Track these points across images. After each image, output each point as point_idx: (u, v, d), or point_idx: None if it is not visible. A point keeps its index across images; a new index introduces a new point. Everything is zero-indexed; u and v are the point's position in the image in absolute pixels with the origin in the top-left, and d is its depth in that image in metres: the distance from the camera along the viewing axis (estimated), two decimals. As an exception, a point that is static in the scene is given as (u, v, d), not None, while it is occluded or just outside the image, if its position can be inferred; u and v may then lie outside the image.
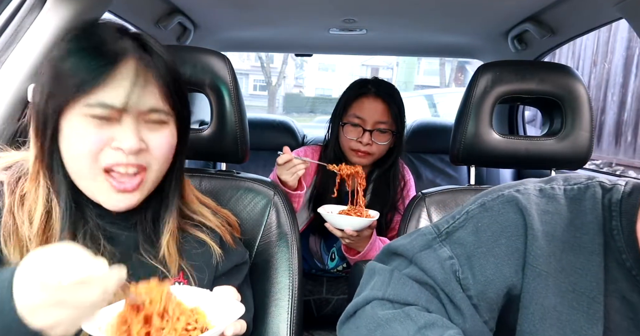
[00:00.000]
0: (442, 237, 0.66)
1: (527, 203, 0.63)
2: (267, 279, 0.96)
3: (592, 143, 1.06)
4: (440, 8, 1.45)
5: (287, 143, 2.23)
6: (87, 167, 0.64)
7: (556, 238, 0.61)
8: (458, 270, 0.62)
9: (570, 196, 0.64)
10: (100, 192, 0.66)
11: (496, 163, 1.14)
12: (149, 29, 1.50)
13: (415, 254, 0.65)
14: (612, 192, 0.63)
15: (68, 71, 0.62)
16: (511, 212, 0.63)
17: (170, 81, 0.68)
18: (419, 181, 2.15)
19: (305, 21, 1.71)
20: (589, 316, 0.58)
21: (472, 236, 0.64)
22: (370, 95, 1.37)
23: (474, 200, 0.68)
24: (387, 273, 0.65)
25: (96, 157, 0.64)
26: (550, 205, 0.63)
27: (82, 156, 0.63)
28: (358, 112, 1.37)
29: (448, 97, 6.48)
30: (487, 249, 0.62)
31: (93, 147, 0.63)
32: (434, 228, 0.68)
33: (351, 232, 1.20)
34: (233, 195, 1.01)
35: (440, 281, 0.61)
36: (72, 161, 0.65)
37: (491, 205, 0.65)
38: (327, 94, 20.00)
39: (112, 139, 0.64)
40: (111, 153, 0.64)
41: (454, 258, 0.63)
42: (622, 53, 4.70)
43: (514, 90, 1.05)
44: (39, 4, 1.00)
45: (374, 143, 1.36)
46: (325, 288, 1.55)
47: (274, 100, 15.31)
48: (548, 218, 0.62)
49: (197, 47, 1.04)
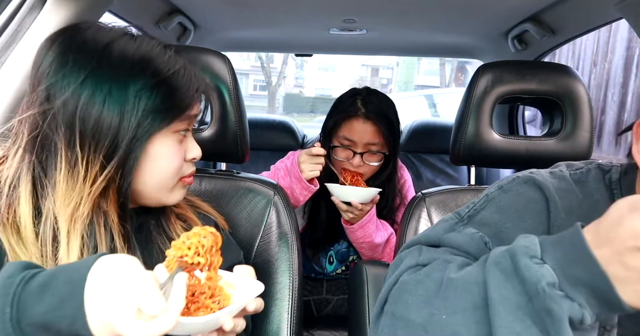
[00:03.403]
0: (465, 221, 0.68)
1: (544, 181, 0.66)
2: (267, 279, 0.96)
3: (592, 143, 1.06)
4: (440, 8, 1.45)
5: (287, 143, 2.24)
6: (171, 182, 0.70)
7: (573, 212, 0.64)
8: (488, 242, 0.63)
9: (575, 179, 0.68)
10: (174, 193, 0.72)
11: (496, 164, 1.14)
12: (149, 29, 1.50)
13: (440, 237, 0.66)
14: (611, 172, 0.67)
15: (175, 93, 0.66)
16: (530, 190, 0.66)
17: None
18: (419, 181, 2.15)
19: (305, 21, 1.71)
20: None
21: (496, 214, 0.66)
22: (359, 116, 1.29)
23: (491, 187, 0.71)
24: (415, 251, 0.66)
25: (179, 171, 0.71)
26: (562, 184, 0.67)
27: (172, 174, 0.69)
28: (347, 135, 1.31)
29: (448, 97, 6.49)
30: (513, 224, 0.65)
31: (179, 163, 0.70)
32: (454, 214, 0.70)
33: (357, 204, 1.22)
34: (233, 195, 1.01)
35: (473, 252, 0.62)
36: (156, 179, 0.68)
37: (509, 187, 0.69)
38: (327, 94, 20.00)
39: (186, 151, 0.72)
40: (187, 165, 0.73)
41: (482, 234, 0.64)
42: (622, 53, 4.69)
43: (514, 90, 1.05)
44: (39, 4, 1.00)
45: (365, 164, 1.32)
46: (325, 288, 1.55)
47: (274, 100, 15.31)
48: (564, 195, 0.66)
49: (197, 47, 1.04)
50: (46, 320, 0.45)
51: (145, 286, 0.44)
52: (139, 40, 0.67)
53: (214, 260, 0.54)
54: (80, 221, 0.62)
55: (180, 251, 0.52)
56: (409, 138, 2.23)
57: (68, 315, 0.45)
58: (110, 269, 0.46)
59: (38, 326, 0.45)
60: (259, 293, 0.55)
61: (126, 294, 0.44)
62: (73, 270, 0.47)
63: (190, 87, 0.68)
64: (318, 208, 1.41)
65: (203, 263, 0.52)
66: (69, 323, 0.45)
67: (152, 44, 0.68)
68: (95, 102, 0.61)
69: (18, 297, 0.45)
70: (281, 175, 1.28)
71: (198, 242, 0.53)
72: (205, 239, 0.53)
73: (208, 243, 0.53)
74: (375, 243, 1.32)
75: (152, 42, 0.68)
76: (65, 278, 0.46)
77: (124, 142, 0.62)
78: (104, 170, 0.62)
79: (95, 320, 0.44)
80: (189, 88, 0.68)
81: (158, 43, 0.69)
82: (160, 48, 0.68)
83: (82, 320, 0.44)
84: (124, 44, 0.65)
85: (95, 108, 0.61)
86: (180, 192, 0.73)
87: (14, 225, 0.62)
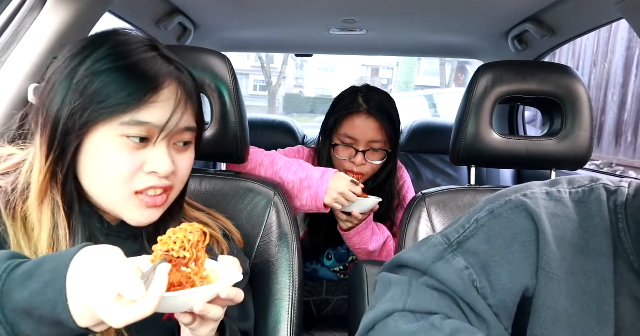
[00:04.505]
0: (454, 247, 0.65)
1: (536, 208, 0.62)
2: (267, 279, 0.96)
3: (592, 143, 1.06)
4: (440, 8, 1.45)
5: (287, 143, 2.24)
6: (118, 191, 0.63)
7: (565, 241, 0.61)
8: (475, 280, 0.61)
9: (575, 199, 0.64)
10: (128, 209, 0.65)
11: (496, 163, 1.14)
12: (149, 29, 1.50)
13: (428, 266, 0.64)
14: (617, 195, 0.63)
15: (107, 89, 0.60)
16: (521, 217, 0.63)
17: (197, 99, 0.70)
18: (419, 181, 2.15)
19: (305, 21, 1.71)
20: (599, 319, 0.58)
21: (485, 244, 0.63)
22: (361, 113, 1.27)
23: (482, 207, 0.67)
24: (405, 283, 0.64)
25: (128, 181, 0.62)
26: (558, 208, 0.63)
27: (114, 181, 0.62)
28: (349, 132, 1.28)
29: (448, 97, 6.49)
30: (500, 257, 0.62)
31: (126, 171, 0.62)
32: (443, 238, 0.66)
33: (357, 214, 1.19)
34: (233, 195, 1.01)
35: (460, 291, 0.60)
36: (101, 183, 0.63)
37: (500, 212, 0.64)
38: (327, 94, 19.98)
39: (144, 162, 0.63)
40: (144, 177, 0.63)
41: (470, 268, 0.62)
42: (622, 53, 4.70)
43: (514, 90, 1.05)
44: (39, 4, 1.00)
45: (367, 163, 1.29)
46: (325, 288, 1.55)
47: (274, 100, 15.31)
48: (557, 222, 0.62)
49: (197, 47, 1.04)
50: (29, 305, 0.46)
51: (124, 271, 0.45)
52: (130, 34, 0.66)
53: (200, 255, 0.54)
54: (36, 207, 0.63)
55: (166, 245, 0.52)
56: (409, 138, 2.23)
57: (50, 299, 0.45)
58: (91, 257, 0.47)
59: (20, 312, 0.46)
60: (236, 282, 0.55)
61: (106, 279, 0.45)
62: (57, 258, 0.48)
63: (143, 86, 0.61)
64: (319, 215, 1.39)
65: (189, 258, 0.53)
66: (51, 307, 0.45)
67: (131, 36, 0.65)
68: (53, 83, 0.62)
69: (2, 283, 0.46)
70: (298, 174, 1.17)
71: (184, 237, 0.53)
72: (192, 234, 0.54)
73: (194, 238, 0.54)
74: (369, 250, 1.30)
75: (136, 36, 0.66)
76: (49, 266, 0.47)
77: (57, 131, 0.61)
78: (48, 159, 0.62)
79: (76, 304, 0.45)
80: (141, 87, 0.61)
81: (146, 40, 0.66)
82: (137, 41, 0.65)
83: (63, 304, 0.45)
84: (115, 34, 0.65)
85: (51, 90, 0.62)
86: (137, 212, 0.65)
87: (23, 220, 0.63)
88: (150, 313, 0.45)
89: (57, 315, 0.46)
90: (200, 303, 0.52)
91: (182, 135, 0.67)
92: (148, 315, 0.45)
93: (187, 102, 0.67)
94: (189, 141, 0.70)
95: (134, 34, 0.67)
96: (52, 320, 0.46)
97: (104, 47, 0.62)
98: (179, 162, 0.68)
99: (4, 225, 0.62)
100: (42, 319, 0.46)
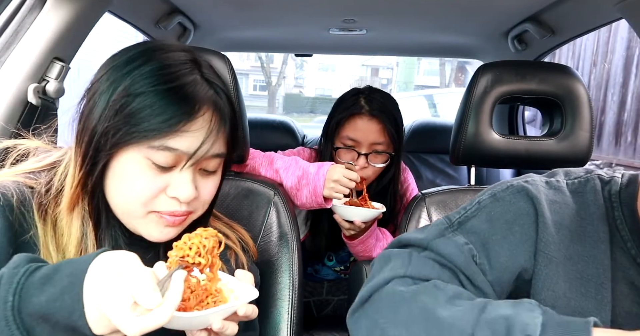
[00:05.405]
0: (455, 227, 0.67)
1: (537, 193, 0.65)
2: (268, 279, 0.96)
3: (592, 144, 1.06)
4: (440, 8, 1.45)
5: (287, 143, 2.24)
6: (137, 210, 0.63)
7: (564, 227, 0.63)
8: (475, 255, 0.63)
9: (572, 189, 0.67)
10: (148, 227, 0.65)
11: (496, 164, 1.14)
12: (149, 29, 1.50)
13: (430, 241, 0.65)
14: (611, 184, 0.66)
15: (142, 112, 0.59)
16: (522, 201, 0.65)
17: (232, 123, 0.68)
18: (419, 181, 2.14)
19: (305, 21, 1.71)
20: (597, 302, 0.60)
21: (486, 224, 0.65)
22: (363, 114, 1.24)
23: (484, 192, 0.70)
24: (405, 254, 0.65)
25: (149, 202, 0.62)
26: (557, 196, 0.66)
27: (134, 200, 0.62)
28: (351, 134, 1.25)
29: (448, 97, 6.50)
30: (501, 236, 0.64)
31: (148, 193, 0.61)
32: (445, 219, 0.69)
33: (359, 223, 1.18)
34: (233, 195, 1.01)
35: (460, 264, 0.62)
36: (122, 201, 0.63)
37: (502, 196, 0.67)
38: (327, 94, 20.02)
39: (167, 186, 0.62)
40: (165, 201, 0.63)
41: (470, 244, 0.64)
42: (622, 53, 4.70)
43: (514, 91, 1.05)
44: (39, 4, 1.00)
45: (370, 166, 1.27)
46: (326, 289, 1.55)
47: (274, 100, 15.31)
48: (556, 208, 0.64)
49: (197, 47, 1.04)
50: (46, 311, 0.46)
51: (141, 280, 0.45)
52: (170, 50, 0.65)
53: (215, 261, 0.55)
54: (67, 214, 0.63)
55: (182, 251, 0.52)
56: (409, 138, 2.23)
57: (67, 305, 0.45)
58: (109, 263, 0.47)
59: (37, 317, 0.46)
60: (252, 300, 0.55)
61: (123, 287, 0.45)
62: (75, 264, 0.47)
63: (179, 114, 0.60)
64: (320, 217, 1.37)
65: (204, 264, 0.53)
66: (68, 314, 0.45)
67: (175, 53, 0.64)
68: (95, 92, 0.62)
69: (21, 287, 0.46)
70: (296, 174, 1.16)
71: (199, 243, 0.53)
72: (207, 240, 0.54)
73: (209, 244, 0.54)
74: (373, 257, 1.27)
75: (179, 53, 0.64)
76: (67, 271, 0.47)
77: (91, 146, 0.61)
78: (81, 170, 0.62)
79: (92, 312, 0.45)
80: (177, 114, 0.59)
81: (189, 56, 0.65)
82: (181, 61, 0.63)
83: (79, 311, 0.45)
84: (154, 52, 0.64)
85: (91, 99, 0.62)
86: (156, 229, 0.64)
87: (54, 224, 0.63)
88: (166, 322, 0.45)
89: (73, 322, 0.45)
90: (219, 321, 0.52)
91: (210, 162, 0.66)
92: (164, 324, 0.45)
93: (220, 129, 0.65)
94: (218, 166, 0.69)
95: (177, 48, 0.65)
96: (68, 326, 0.46)
97: (147, 67, 0.61)
98: (203, 187, 0.67)
99: (35, 227, 0.62)
100: (58, 325, 0.46)
